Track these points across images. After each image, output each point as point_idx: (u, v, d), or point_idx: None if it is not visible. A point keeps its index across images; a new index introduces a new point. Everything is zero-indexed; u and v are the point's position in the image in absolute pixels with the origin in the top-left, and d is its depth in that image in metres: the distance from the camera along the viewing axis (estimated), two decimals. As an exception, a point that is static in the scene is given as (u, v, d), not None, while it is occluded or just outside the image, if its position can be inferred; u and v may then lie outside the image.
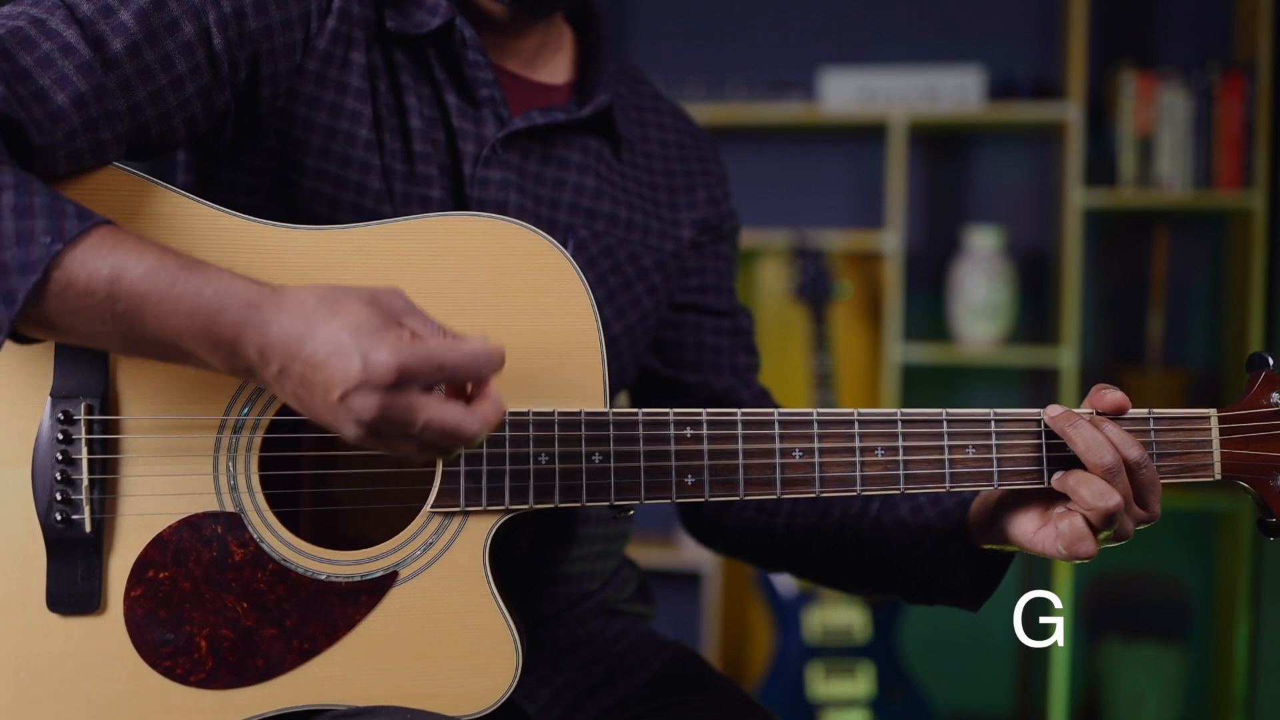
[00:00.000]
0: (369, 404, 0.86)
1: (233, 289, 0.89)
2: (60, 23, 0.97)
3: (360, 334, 0.86)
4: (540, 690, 1.20)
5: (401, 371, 0.85)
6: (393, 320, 0.88)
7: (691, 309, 1.34)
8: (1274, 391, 1.07)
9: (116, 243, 0.89)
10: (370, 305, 0.88)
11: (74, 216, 0.89)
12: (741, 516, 1.32)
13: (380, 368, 0.85)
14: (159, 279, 0.88)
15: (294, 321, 0.87)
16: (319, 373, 0.86)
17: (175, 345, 0.90)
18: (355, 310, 0.87)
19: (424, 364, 0.86)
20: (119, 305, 0.88)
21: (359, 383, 0.85)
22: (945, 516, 1.16)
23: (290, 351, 0.87)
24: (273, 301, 0.88)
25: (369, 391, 0.85)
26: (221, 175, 1.14)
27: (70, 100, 0.96)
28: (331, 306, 0.87)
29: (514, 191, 1.19)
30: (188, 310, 0.88)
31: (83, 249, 0.88)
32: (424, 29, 1.15)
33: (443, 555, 1.02)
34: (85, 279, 0.88)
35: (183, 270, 0.89)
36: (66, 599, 0.99)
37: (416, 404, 0.87)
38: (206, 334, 0.88)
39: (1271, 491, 1.06)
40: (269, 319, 0.88)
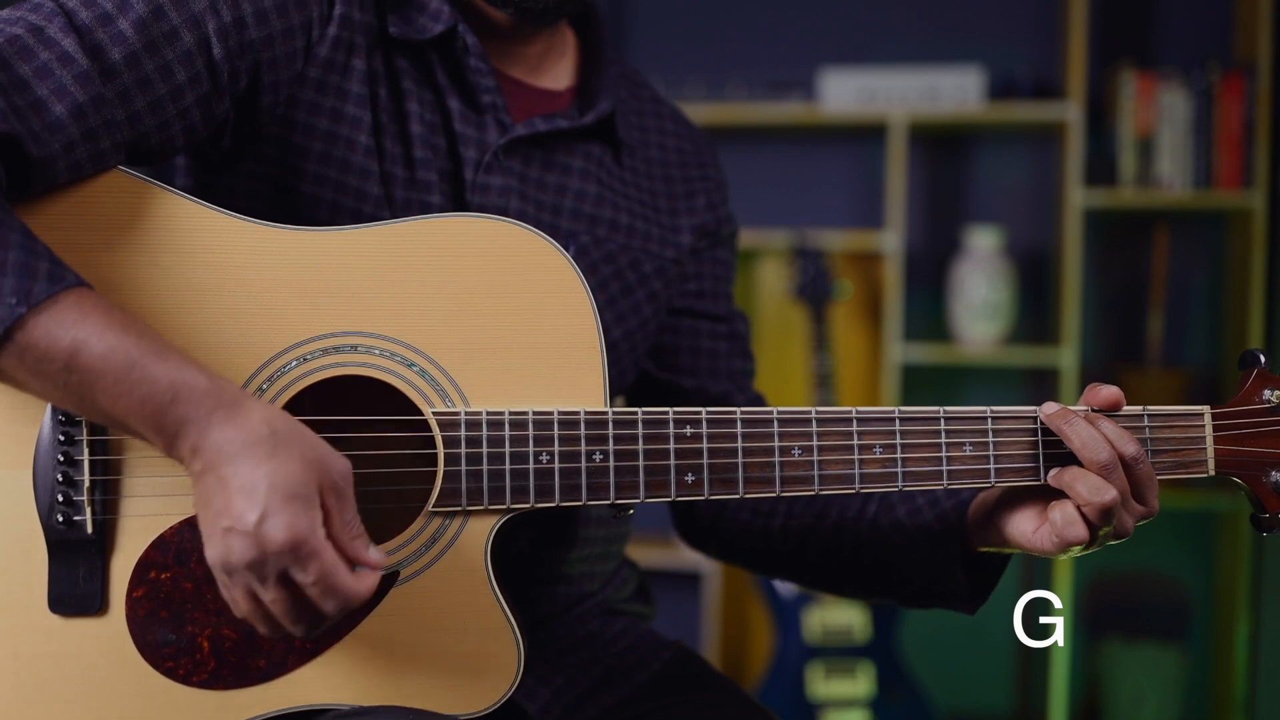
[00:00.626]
0: (243, 552, 0.88)
1: (190, 383, 0.90)
2: (58, 31, 0.97)
3: (275, 492, 0.88)
4: (540, 690, 1.20)
5: (285, 548, 0.88)
6: (315, 495, 0.90)
7: (689, 314, 1.34)
8: (1266, 388, 1.08)
9: (82, 314, 0.90)
10: (306, 470, 0.90)
11: (45, 279, 0.89)
12: (737, 519, 1.32)
13: (269, 534, 0.87)
14: (116, 360, 0.90)
15: (232, 440, 0.89)
16: (221, 496, 0.89)
17: (122, 423, 0.92)
18: (288, 467, 0.89)
19: (307, 560, 0.89)
20: (73, 377, 0.90)
21: (245, 531, 0.88)
22: (943, 519, 1.16)
23: (214, 462, 0.89)
24: (226, 409, 0.90)
25: (250, 544, 0.88)
26: (221, 182, 1.15)
27: (69, 111, 0.96)
28: (271, 449, 0.89)
29: (515, 198, 1.19)
30: (139, 397, 0.90)
31: (46, 316, 0.89)
32: (426, 35, 1.15)
33: (444, 555, 1.02)
34: (45, 346, 0.89)
35: (143, 355, 0.90)
36: (68, 600, 1.00)
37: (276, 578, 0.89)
38: (152, 421, 0.91)
39: (1265, 487, 1.07)
40: (213, 425, 0.90)
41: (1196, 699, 3.41)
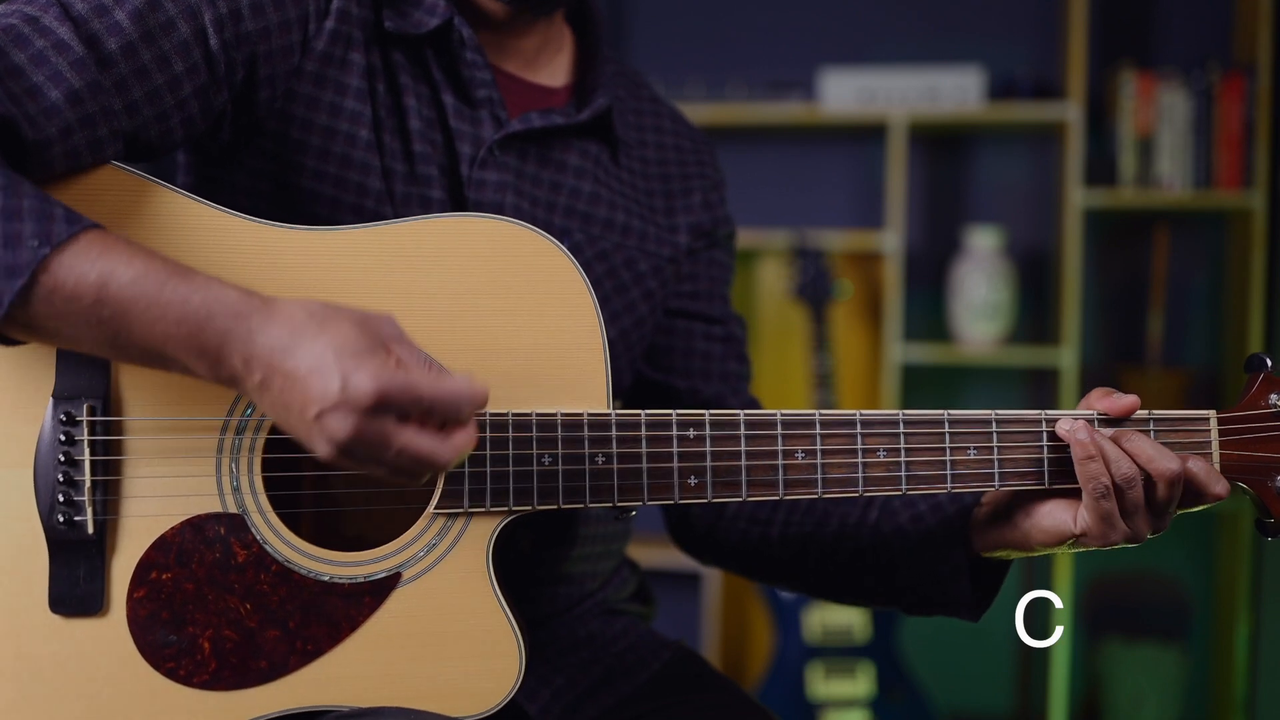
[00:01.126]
0: (344, 425, 0.86)
1: (221, 297, 0.89)
2: (54, 20, 0.97)
3: (344, 355, 0.86)
4: (540, 690, 1.20)
5: (380, 398, 0.86)
6: (379, 345, 0.89)
7: (683, 315, 1.33)
8: (1273, 392, 1.08)
9: (105, 248, 0.89)
10: (359, 327, 0.88)
11: (63, 220, 0.89)
12: (734, 528, 1.31)
13: (359, 391, 0.85)
14: (146, 285, 0.88)
15: (280, 334, 0.87)
16: (298, 388, 0.87)
17: (160, 352, 0.90)
18: (343, 330, 0.88)
19: (403, 394, 0.87)
20: (105, 310, 0.88)
21: (336, 403, 0.86)
22: (947, 525, 1.16)
23: (273, 364, 0.87)
24: (261, 312, 0.88)
25: (346, 413, 0.86)
26: (221, 177, 1.14)
27: (64, 96, 0.95)
28: (320, 324, 0.88)
29: (511, 193, 1.18)
30: (175, 318, 0.88)
31: (70, 253, 0.88)
32: (422, 29, 1.15)
33: (446, 556, 1.02)
34: (73, 284, 0.88)
35: (171, 277, 0.89)
36: (69, 600, 0.99)
37: (390, 431, 0.88)
38: (192, 342, 0.88)
39: (1270, 492, 1.07)
40: (255, 329, 0.88)
41: (1196, 699, 3.41)
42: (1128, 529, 1.04)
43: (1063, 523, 1.06)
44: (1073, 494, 1.07)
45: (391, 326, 0.91)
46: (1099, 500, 1.02)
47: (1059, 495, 1.07)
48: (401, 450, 0.88)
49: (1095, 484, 1.02)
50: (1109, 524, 1.03)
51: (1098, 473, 1.02)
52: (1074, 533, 1.05)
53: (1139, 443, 1.03)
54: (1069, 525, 1.06)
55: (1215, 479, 1.04)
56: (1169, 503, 1.04)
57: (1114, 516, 1.03)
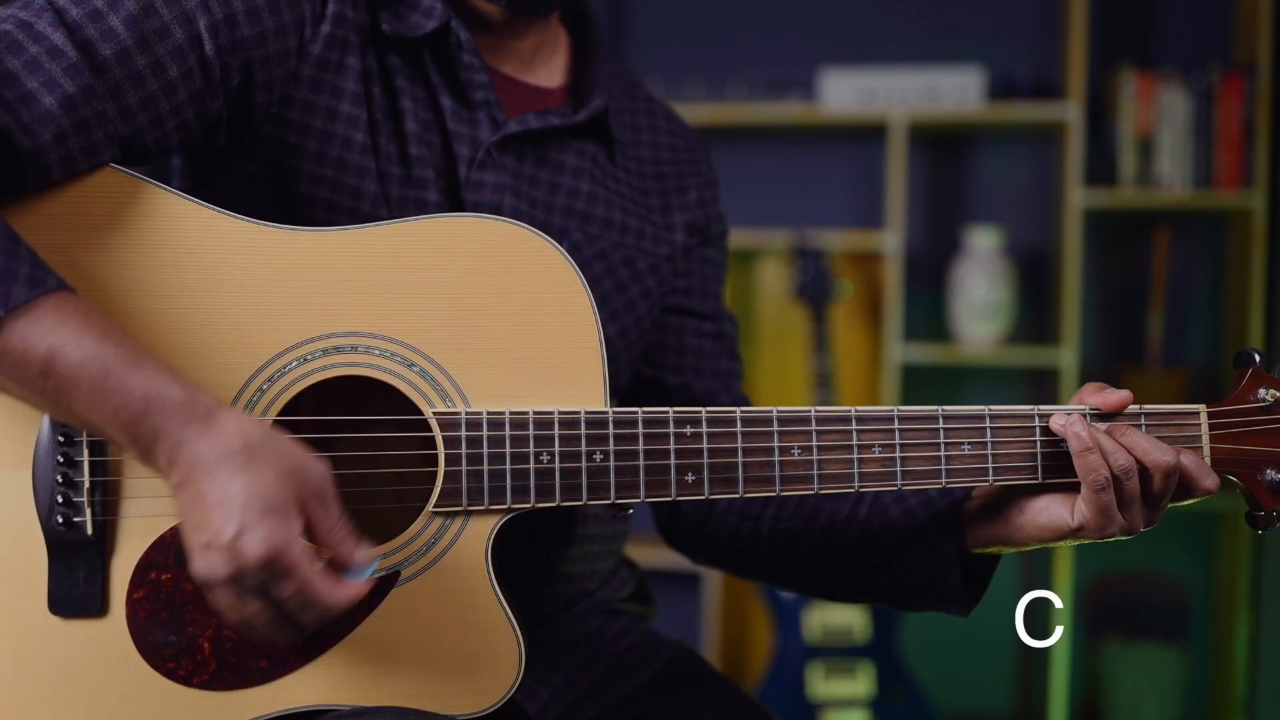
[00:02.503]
0: (221, 568, 0.88)
1: (163, 394, 0.90)
2: (48, 26, 0.97)
3: (250, 505, 0.88)
4: (539, 689, 1.20)
5: (263, 564, 0.87)
6: (292, 505, 0.90)
7: (675, 311, 1.34)
8: (1261, 387, 1.09)
9: (60, 320, 0.90)
10: (282, 480, 0.89)
11: (25, 282, 0.89)
12: (724, 523, 1.31)
13: (246, 548, 0.87)
14: (92, 369, 0.90)
15: (207, 453, 0.89)
16: (199, 511, 0.88)
17: (98, 429, 0.92)
18: (264, 478, 0.89)
19: (284, 575, 0.88)
20: (49, 384, 0.90)
21: (223, 546, 0.87)
22: (938, 518, 1.16)
23: (190, 476, 0.89)
24: (200, 422, 0.90)
25: (227, 559, 0.87)
26: (217, 182, 1.15)
27: (58, 102, 0.96)
28: (247, 461, 0.89)
29: (509, 194, 1.19)
30: (114, 406, 0.90)
31: (24, 321, 0.89)
32: (419, 32, 1.15)
33: (445, 555, 1.02)
34: (20, 351, 0.89)
35: (119, 364, 0.90)
36: (68, 601, 1.00)
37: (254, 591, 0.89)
38: (127, 430, 0.90)
39: (1260, 485, 1.08)
40: (187, 438, 0.89)
41: (1196, 699, 3.41)
42: (1124, 521, 1.04)
43: (1059, 517, 1.06)
44: (1066, 488, 1.07)
45: (318, 481, 0.92)
46: (1099, 493, 1.03)
47: (1052, 490, 1.08)
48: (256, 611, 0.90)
49: (1095, 476, 1.02)
50: (1107, 516, 1.04)
51: (1096, 465, 1.02)
52: (1072, 526, 1.06)
53: (1133, 436, 1.04)
54: (1066, 519, 1.06)
55: (1206, 473, 1.05)
56: (1164, 494, 1.05)
57: (1112, 509, 1.03)
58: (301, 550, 0.89)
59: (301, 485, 0.90)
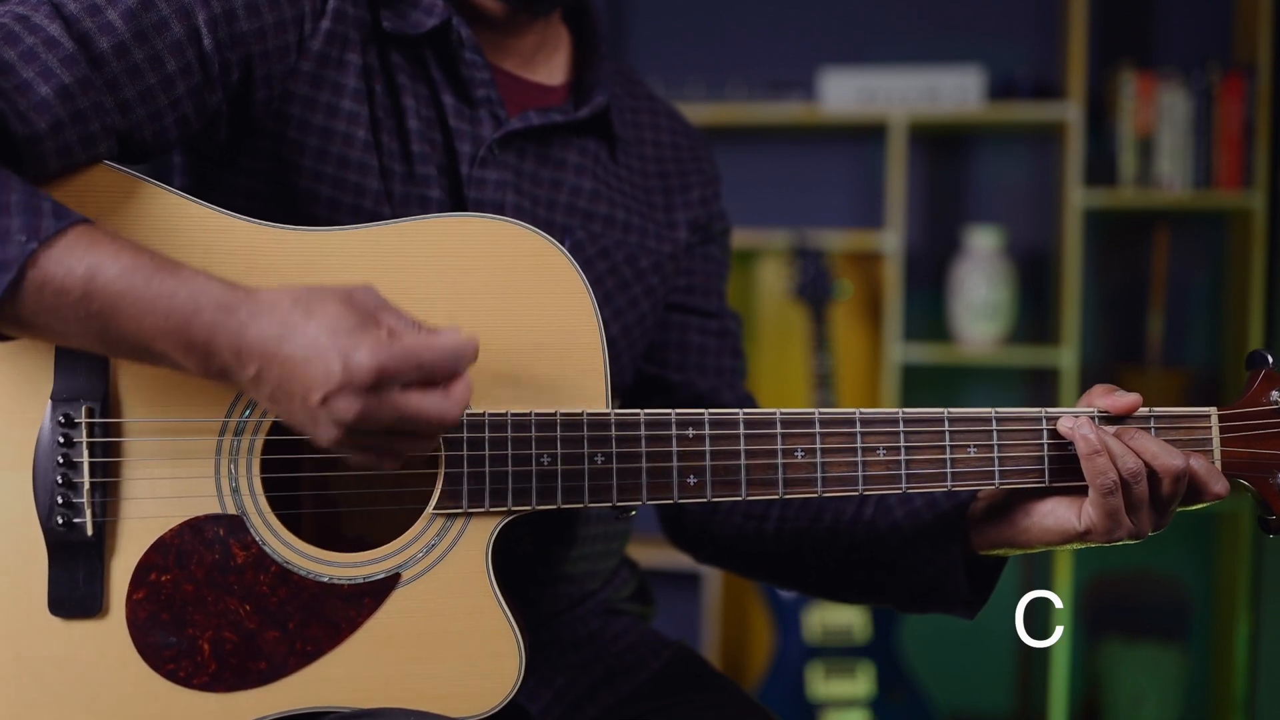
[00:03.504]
0: (350, 406, 0.86)
1: (207, 291, 0.89)
2: (45, 18, 0.97)
3: (338, 335, 0.86)
4: (541, 690, 1.20)
5: (381, 372, 0.86)
6: (368, 318, 0.89)
7: (679, 309, 1.34)
8: (1273, 389, 1.08)
9: (93, 242, 0.89)
10: (345, 305, 0.89)
11: (50, 215, 0.89)
12: (729, 523, 1.31)
13: (361, 369, 0.85)
14: (134, 279, 0.88)
15: (270, 324, 0.88)
16: (298, 375, 0.87)
17: (149, 346, 0.90)
18: (331, 310, 0.88)
19: (403, 363, 0.87)
20: (93, 305, 0.89)
21: (340, 385, 0.86)
22: (943, 520, 1.15)
23: (268, 354, 0.87)
24: (248, 304, 0.89)
25: (350, 393, 0.86)
26: (218, 179, 1.14)
27: (54, 91, 0.95)
28: (307, 308, 0.88)
29: (511, 192, 1.18)
30: (163, 312, 0.88)
31: (59, 248, 0.88)
32: (420, 29, 1.15)
33: (445, 557, 1.02)
34: (60, 278, 0.88)
35: (158, 271, 0.89)
36: (68, 602, 0.99)
37: (396, 401, 0.88)
38: (181, 336, 0.89)
39: (1271, 489, 1.07)
40: (245, 321, 0.88)
41: (1196, 699, 3.41)
42: (1132, 525, 1.04)
43: (1066, 520, 1.06)
44: (1073, 491, 1.07)
45: (374, 296, 0.91)
46: (1107, 496, 1.02)
47: (1059, 493, 1.07)
48: (410, 418, 0.89)
49: (1103, 479, 1.02)
50: (1114, 520, 1.03)
51: (1104, 468, 1.02)
52: (1079, 530, 1.05)
53: (1143, 439, 1.03)
54: (1073, 523, 1.06)
55: (1215, 477, 1.04)
56: (1173, 498, 1.04)
57: (1120, 513, 1.03)
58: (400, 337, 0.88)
59: (363, 303, 0.90)
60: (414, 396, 0.89)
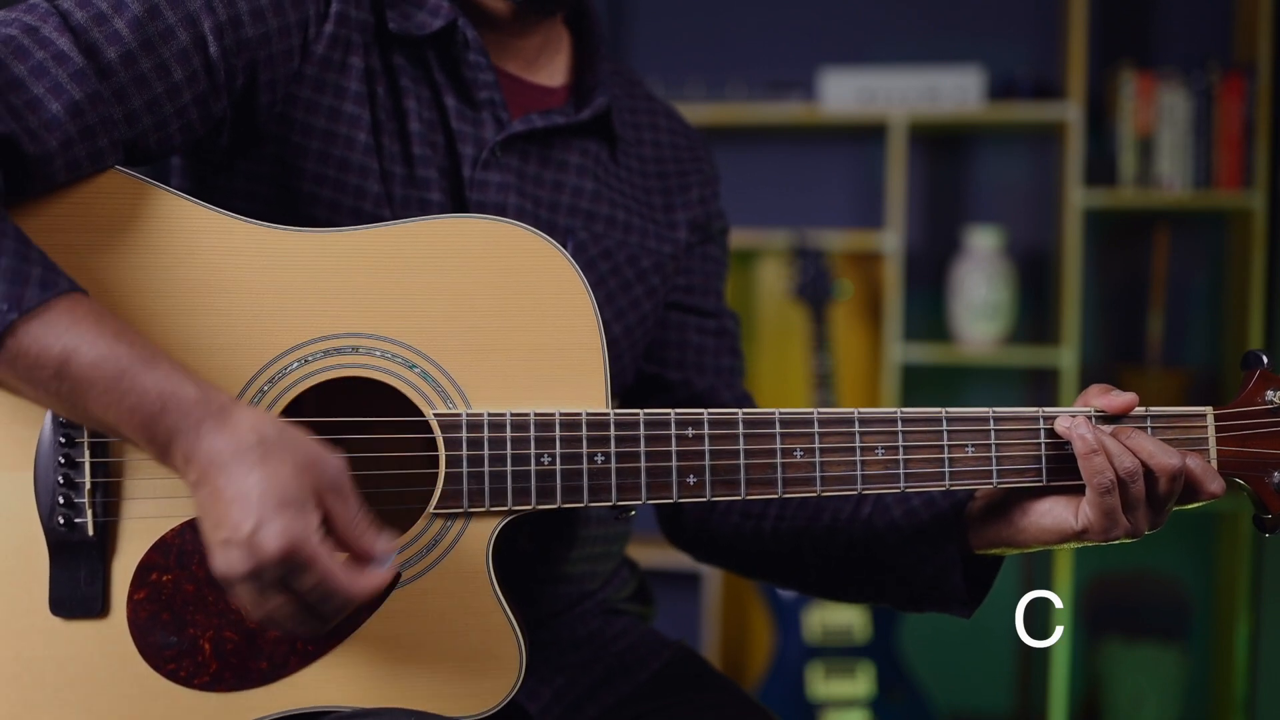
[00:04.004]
0: (240, 564, 0.87)
1: (178, 394, 0.90)
2: (53, 30, 0.97)
3: (267, 499, 0.87)
4: (541, 689, 1.20)
5: (282, 557, 0.87)
6: (309, 498, 0.89)
7: (677, 308, 1.34)
8: (1269, 389, 1.08)
9: (74, 321, 0.90)
10: (298, 474, 0.89)
11: (36, 284, 0.89)
12: (727, 522, 1.31)
13: (264, 542, 0.86)
14: (107, 369, 0.90)
15: (223, 449, 0.89)
16: (218, 507, 0.88)
17: (114, 430, 0.92)
18: (280, 472, 0.88)
19: (301, 570, 0.88)
20: (64, 385, 0.90)
21: (241, 541, 0.87)
22: (941, 519, 1.16)
23: (207, 473, 0.89)
24: (215, 419, 0.90)
25: (245, 554, 0.87)
26: (220, 182, 1.14)
27: (65, 108, 0.96)
28: (262, 455, 0.88)
29: (513, 194, 1.19)
30: (129, 406, 0.90)
31: (38, 323, 0.89)
32: (425, 30, 1.15)
33: (445, 557, 1.02)
34: (36, 353, 0.89)
35: (133, 364, 0.90)
36: (69, 602, 0.99)
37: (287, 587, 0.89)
38: (143, 430, 0.90)
39: (1267, 488, 1.07)
40: (203, 435, 0.89)
41: (1196, 699, 3.41)
42: (1129, 524, 1.04)
43: (1064, 520, 1.06)
44: (1070, 491, 1.07)
45: (336, 475, 0.91)
46: (1104, 495, 1.02)
47: (1056, 492, 1.08)
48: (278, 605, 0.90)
49: (1100, 479, 1.02)
50: (1111, 519, 1.03)
51: (1101, 467, 1.02)
52: (1076, 529, 1.05)
53: (1139, 439, 1.04)
54: (1070, 522, 1.06)
55: (1212, 477, 1.05)
56: (1169, 498, 1.04)
57: (1116, 512, 1.03)
58: (320, 542, 0.89)
59: (318, 478, 0.90)
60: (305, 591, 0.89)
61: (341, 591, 0.89)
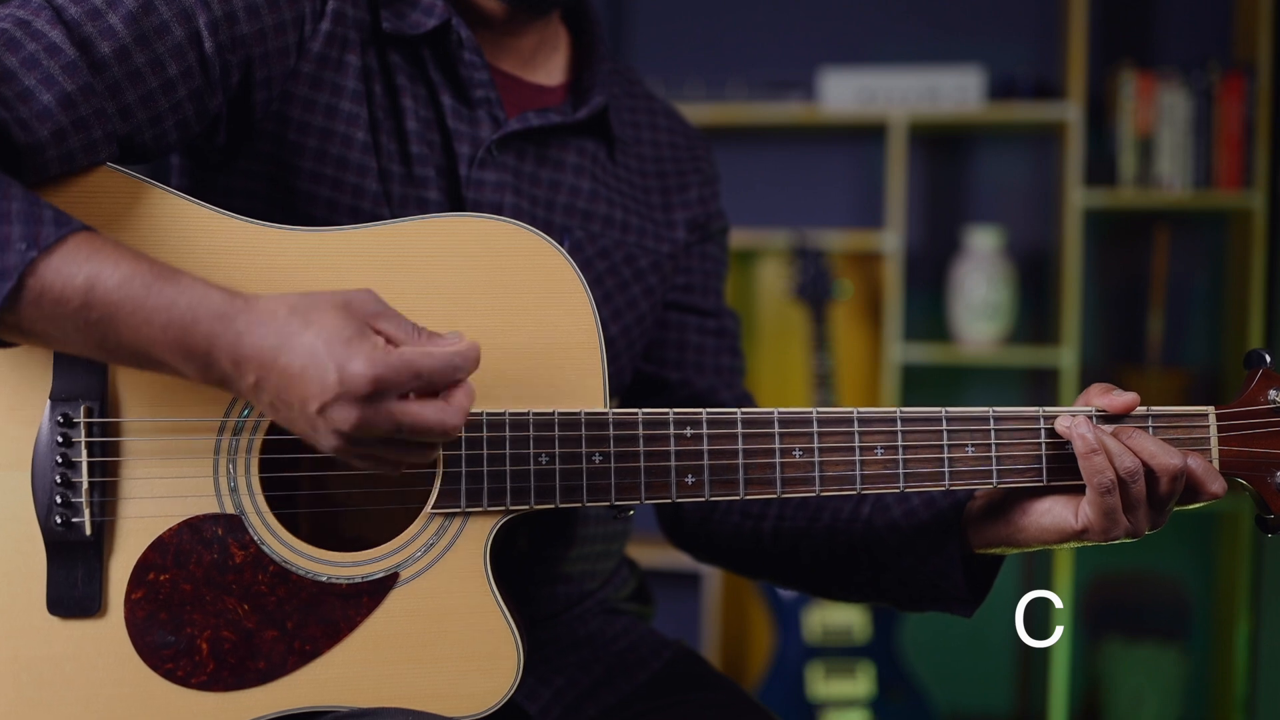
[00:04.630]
0: (347, 415, 0.87)
1: (206, 300, 0.89)
2: (46, 24, 0.97)
3: (334, 344, 0.87)
4: (540, 690, 1.20)
5: (377, 382, 0.86)
6: (365, 326, 0.89)
7: (677, 307, 1.34)
8: (1271, 388, 1.08)
9: (93, 250, 0.89)
10: (342, 312, 0.89)
11: (51, 223, 0.89)
12: (726, 521, 1.31)
13: (357, 379, 0.86)
14: (133, 288, 0.89)
15: (267, 334, 0.88)
16: (295, 385, 0.87)
17: (149, 354, 0.90)
18: (328, 319, 0.88)
19: (399, 373, 0.87)
20: (93, 314, 0.89)
21: (336, 395, 0.86)
22: (941, 518, 1.15)
23: (265, 363, 0.88)
24: (246, 313, 0.89)
25: (347, 403, 0.86)
26: (217, 180, 1.14)
27: (56, 99, 0.95)
28: (304, 316, 0.88)
29: (510, 193, 1.18)
30: (161, 322, 0.89)
31: (58, 256, 0.88)
32: (420, 29, 1.15)
33: (444, 556, 1.02)
34: (60, 287, 0.88)
35: (157, 280, 0.89)
36: (67, 602, 0.99)
37: (393, 411, 0.88)
38: (180, 345, 0.89)
39: (1269, 488, 1.07)
40: (243, 331, 0.88)
41: (1196, 699, 3.41)
42: (1129, 524, 1.04)
43: (1064, 519, 1.06)
44: (1070, 490, 1.07)
45: (373, 303, 0.92)
46: (1104, 495, 1.02)
47: (1057, 492, 1.07)
48: (409, 427, 0.89)
49: (1100, 479, 1.02)
50: (1111, 519, 1.03)
51: (1101, 467, 1.02)
52: (1076, 529, 1.05)
53: (1140, 439, 1.03)
54: (1070, 522, 1.06)
55: (1213, 477, 1.04)
56: (1170, 498, 1.04)
57: (1117, 512, 1.03)
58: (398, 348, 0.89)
59: (361, 309, 0.90)
60: (413, 406, 0.89)
61: (444, 369, 0.89)
